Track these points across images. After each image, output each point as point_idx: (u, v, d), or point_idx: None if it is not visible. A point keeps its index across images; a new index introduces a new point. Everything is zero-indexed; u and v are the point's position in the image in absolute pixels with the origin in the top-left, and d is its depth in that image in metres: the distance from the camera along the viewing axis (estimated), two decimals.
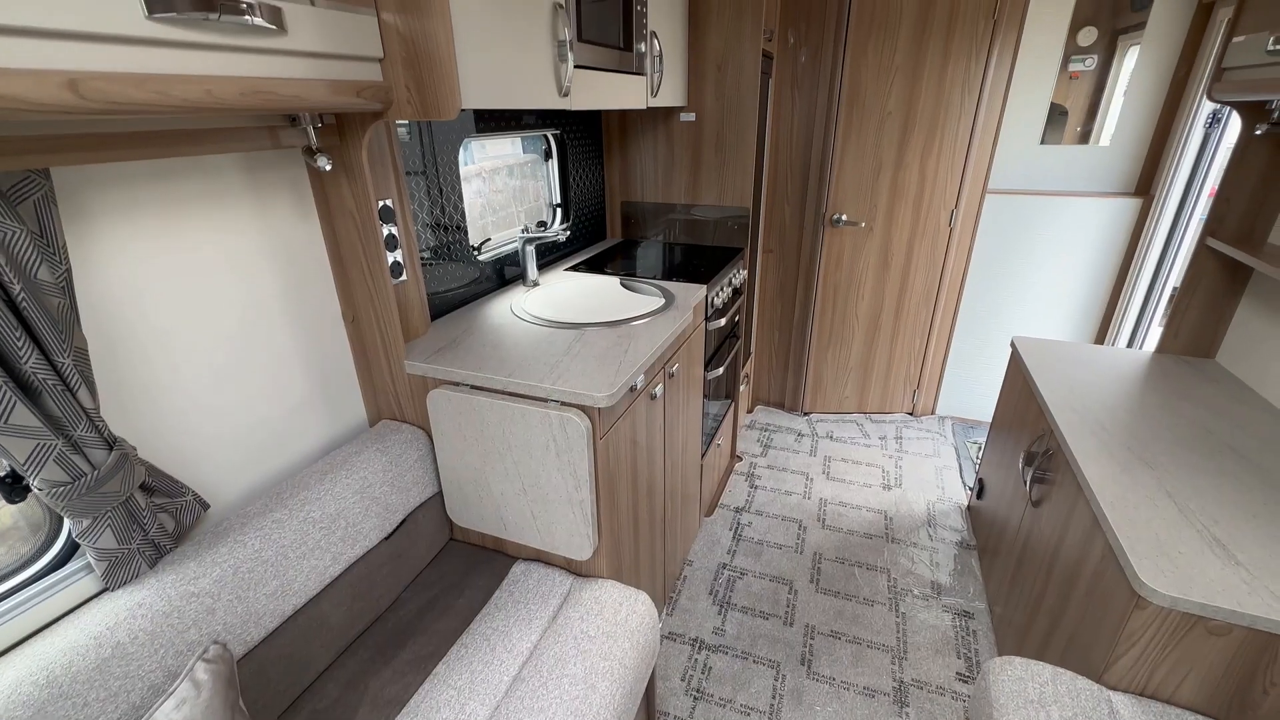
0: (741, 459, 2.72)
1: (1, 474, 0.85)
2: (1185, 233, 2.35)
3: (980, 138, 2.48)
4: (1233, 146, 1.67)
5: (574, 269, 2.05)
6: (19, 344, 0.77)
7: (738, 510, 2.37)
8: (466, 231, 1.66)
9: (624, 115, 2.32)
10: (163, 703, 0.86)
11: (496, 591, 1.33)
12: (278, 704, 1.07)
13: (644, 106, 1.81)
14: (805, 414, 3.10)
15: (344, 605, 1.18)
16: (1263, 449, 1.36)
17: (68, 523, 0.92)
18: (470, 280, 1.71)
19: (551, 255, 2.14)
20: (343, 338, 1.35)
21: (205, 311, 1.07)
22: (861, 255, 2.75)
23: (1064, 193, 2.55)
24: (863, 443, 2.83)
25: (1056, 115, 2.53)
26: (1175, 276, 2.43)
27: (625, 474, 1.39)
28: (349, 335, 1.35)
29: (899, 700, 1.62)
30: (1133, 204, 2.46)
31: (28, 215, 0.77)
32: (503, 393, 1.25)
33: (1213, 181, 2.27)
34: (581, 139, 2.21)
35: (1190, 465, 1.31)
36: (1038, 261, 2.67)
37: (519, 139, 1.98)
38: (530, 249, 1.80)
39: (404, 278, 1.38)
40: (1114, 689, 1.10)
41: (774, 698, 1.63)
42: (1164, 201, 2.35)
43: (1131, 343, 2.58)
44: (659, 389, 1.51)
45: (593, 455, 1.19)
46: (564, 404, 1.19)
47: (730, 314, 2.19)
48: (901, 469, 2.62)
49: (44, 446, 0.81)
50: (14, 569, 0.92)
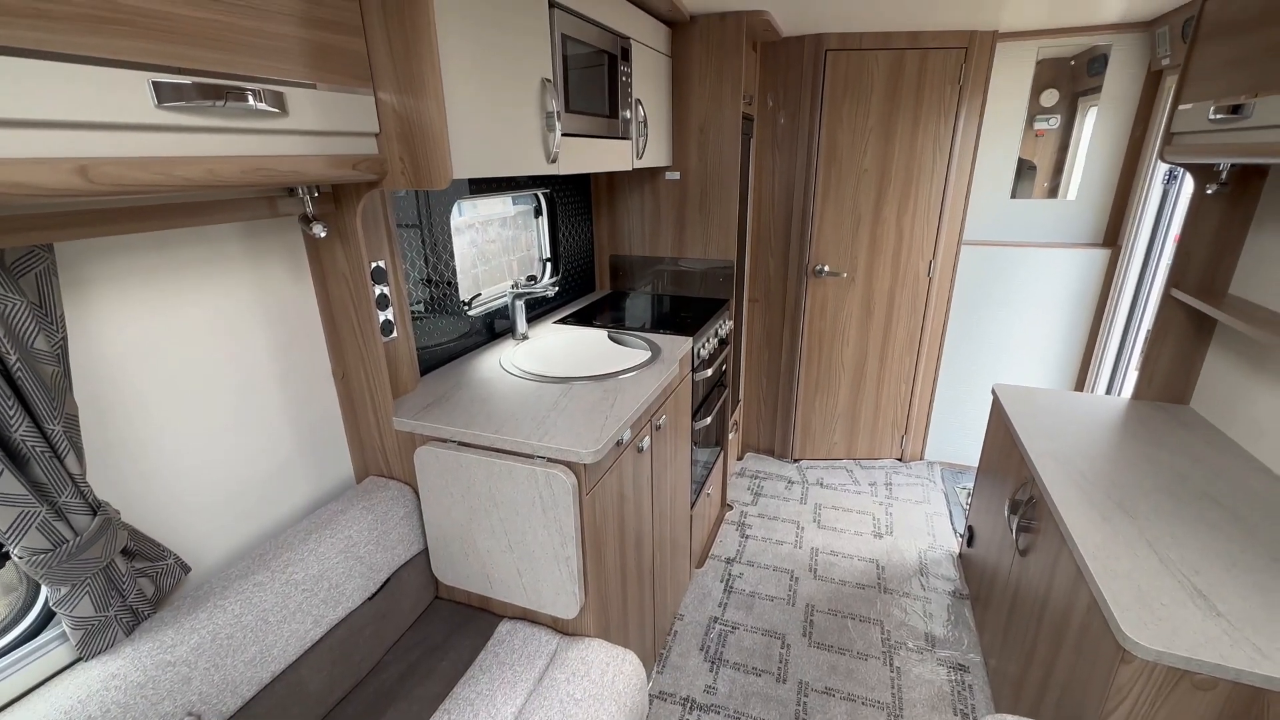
0: (732, 508, 2.71)
1: None
2: (1153, 281, 2.44)
3: (953, 192, 2.60)
4: (1189, 203, 1.77)
5: (563, 321, 2.09)
6: (10, 413, 0.78)
7: (729, 561, 2.35)
8: (457, 287, 1.71)
9: (612, 174, 2.42)
10: None
11: (481, 653, 1.30)
12: None
13: (630, 168, 1.89)
14: (795, 461, 3.11)
15: (324, 671, 1.15)
16: (1238, 496, 1.39)
17: (45, 590, 0.91)
18: (460, 334, 1.74)
19: (541, 308, 2.18)
20: (332, 395, 1.36)
21: (195, 374, 1.09)
22: (844, 304, 2.82)
23: (1036, 244, 2.65)
24: (853, 489, 2.83)
25: (1026, 170, 2.65)
26: (1147, 323, 2.50)
27: (612, 529, 1.39)
28: (338, 392, 1.37)
29: None
30: (1102, 254, 2.56)
31: (29, 287, 0.80)
32: (490, 449, 1.26)
33: (1175, 231, 2.38)
34: (571, 196, 2.29)
35: (1169, 513, 1.33)
36: (1015, 309, 2.74)
37: (509, 198, 2.05)
38: (519, 303, 1.85)
39: (394, 335, 1.41)
40: None
41: None
42: (1131, 252, 2.44)
43: (1110, 387, 2.63)
44: (646, 441, 1.52)
45: (579, 511, 1.20)
46: (550, 460, 1.20)
47: (717, 364, 2.23)
48: (892, 516, 2.62)
49: (27, 514, 0.81)
50: None
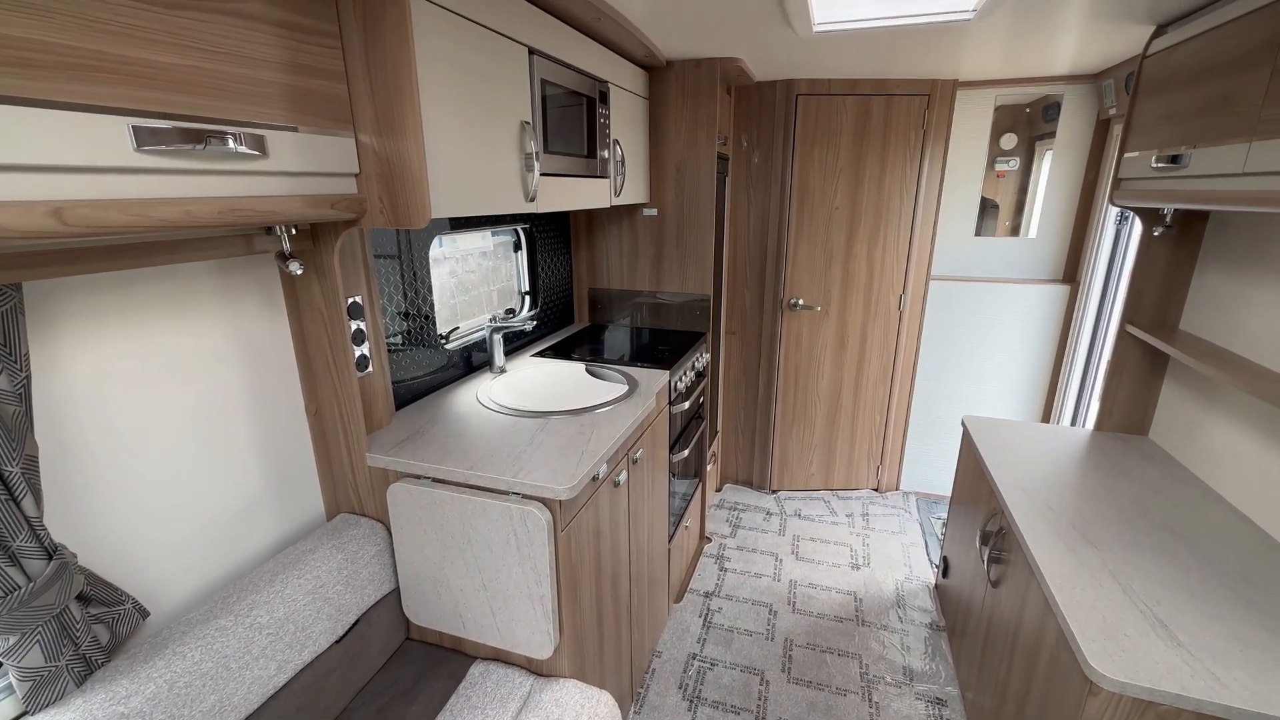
0: (711, 540, 2.70)
1: None
2: (1110, 315, 2.55)
3: (920, 230, 2.70)
4: (1138, 243, 1.87)
5: (541, 354, 2.10)
6: None
7: (707, 595, 2.33)
8: (435, 320, 1.71)
9: (591, 210, 2.47)
10: None
11: (453, 696, 1.27)
12: None
13: (608, 205, 1.93)
14: (773, 492, 3.12)
15: (287, 719, 1.11)
16: (1196, 526, 1.43)
17: None
18: (437, 368, 1.74)
19: (520, 340, 2.19)
20: (304, 431, 1.35)
21: (163, 412, 1.07)
22: (819, 337, 2.88)
23: (1001, 279, 2.75)
24: (830, 520, 2.85)
25: (989, 209, 2.77)
26: (1106, 355, 2.60)
27: (588, 566, 1.38)
28: (311, 428, 1.36)
29: None
30: (1062, 290, 2.66)
31: None
32: (464, 486, 1.25)
33: (1129, 268, 2.49)
34: (550, 231, 2.33)
35: (1131, 544, 1.36)
36: (983, 342, 2.83)
37: (490, 233, 2.08)
38: (498, 337, 1.85)
39: (370, 370, 1.41)
40: None
41: None
42: (1089, 288, 2.55)
43: (1075, 417, 2.71)
44: (623, 476, 1.53)
45: (554, 549, 1.19)
46: (525, 497, 1.20)
47: (694, 397, 2.25)
48: (869, 547, 2.63)
49: None
50: None
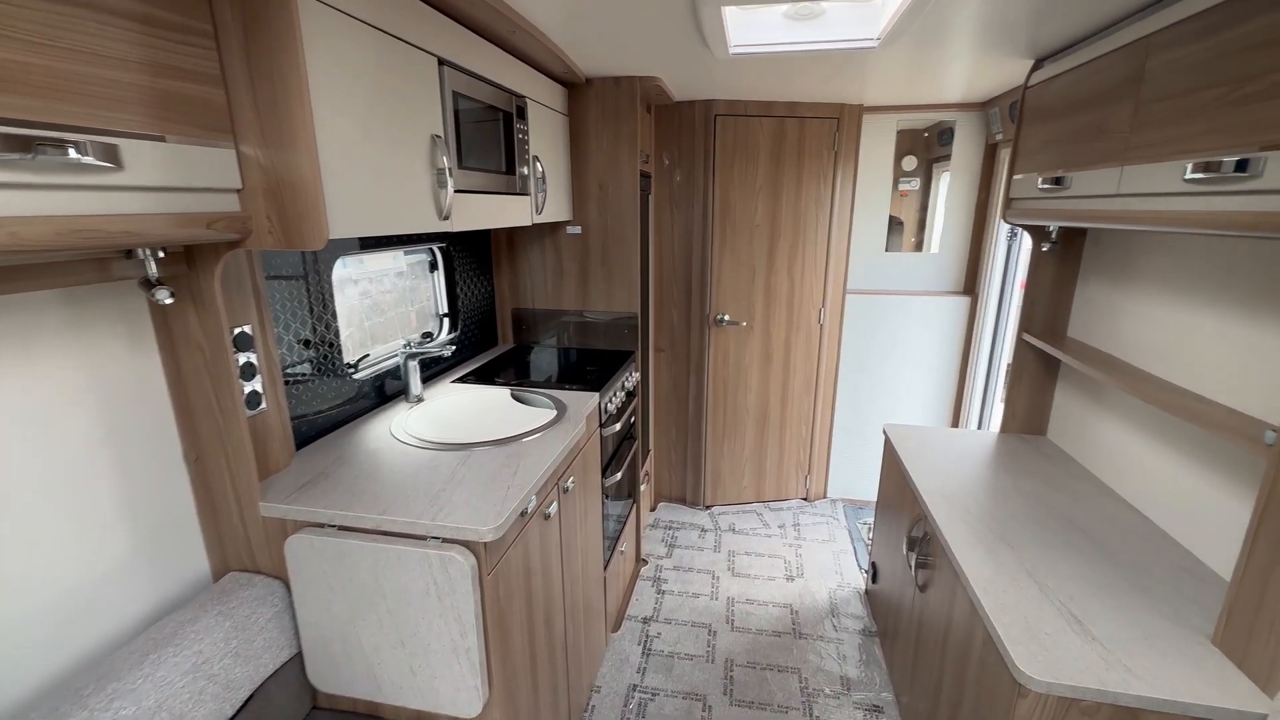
0: (647, 562, 2.65)
1: None
2: (1006, 323, 2.75)
3: (835, 246, 2.81)
4: (1029, 257, 2.02)
5: (463, 380, 1.98)
6: None
7: (645, 621, 2.27)
8: (340, 348, 1.57)
9: (512, 228, 2.38)
10: None
11: None
12: None
13: (529, 223, 1.86)
14: (707, 507, 3.11)
15: None
16: (1096, 520, 1.54)
17: None
18: (345, 400, 1.59)
19: (439, 366, 2.06)
20: (183, 482, 1.17)
21: (1, 467, 0.89)
22: (746, 351, 2.92)
23: (910, 292, 2.91)
24: (763, 533, 2.87)
25: (896, 226, 2.93)
26: (1003, 360, 2.80)
27: (519, 608, 1.28)
28: (191, 478, 1.18)
29: None
30: (963, 301, 2.85)
31: None
32: (376, 532, 1.13)
33: (1021, 279, 2.70)
34: (469, 250, 2.22)
35: (1043, 542, 1.44)
36: (897, 351, 2.97)
37: (403, 253, 1.95)
38: (413, 364, 1.73)
39: (263, 407, 1.26)
40: None
41: None
42: (986, 298, 2.74)
43: (980, 420, 2.90)
44: (553, 507, 1.45)
45: (480, 596, 1.10)
46: (446, 541, 1.09)
47: (625, 417, 2.20)
48: (802, 558, 2.67)
49: None
50: None
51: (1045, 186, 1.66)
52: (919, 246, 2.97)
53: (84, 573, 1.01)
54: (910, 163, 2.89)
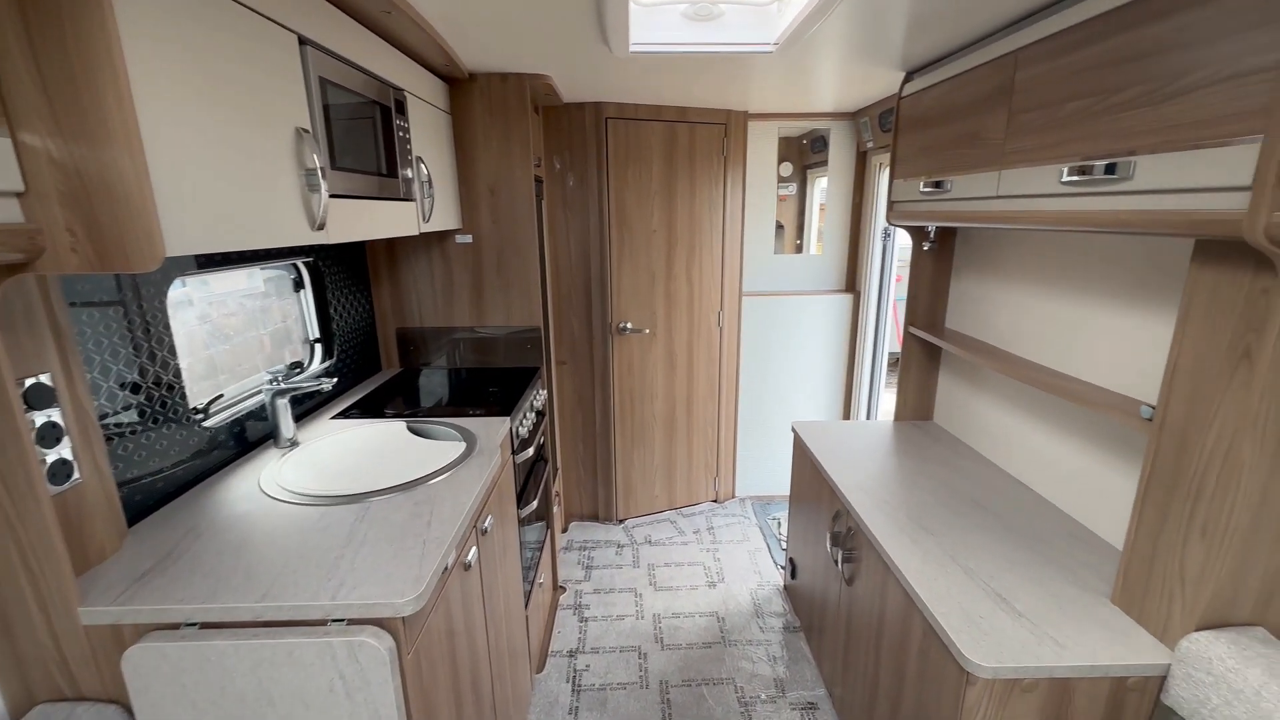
0: (565, 589, 2.49)
1: None
2: (885, 318, 2.96)
3: (729, 250, 2.85)
4: (910, 256, 2.16)
5: (345, 415, 1.71)
6: None
7: (571, 654, 2.12)
8: (184, 391, 1.26)
9: (391, 238, 2.13)
10: None
11: None
12: None
13: (417, 232, 1.65)
14: (620, 521, 3.02)
15: None
16: (993, 497, 1.66)
17: None
18: (194, 453, 1.29)
19: (314, 400, 1.77)
20: None
21: None
22: (650, 359, 2.87)
23: (799, 292, 3.04)
24: (680, 541, 2.84)
25: (779, 230, 3.05)
26: (884, 353, 3.02)
27: (445, 683, 1.10)
28: None
29: None
30: (847, 298, 3.03)
31: None
32: (255, 625, 0.89)
33: (896, 275, 2.93)
34: (341, 265, 1.94)
35: (957, 525, 1.51)
36: (791, 350, 3.09)
37: (258, 270, 1.65)
38: (282, 402, 1.45)
39: (77, 478, 0.96)
40: None
41: None
42: (868, 295, 2.94)
43: (869, 409, 3.10)
44: (472, 553, 1.27)
45: (400, 682, 0.91)
46: (353, 622, 0.89)
47: (537, 439, 2.05)
48: (721, 562, 2.66)
49: None
50: None
51: (926, 190, 1.77)
52: (799, 249, 3.11)
53: None
54: (786, 169, 3.02)
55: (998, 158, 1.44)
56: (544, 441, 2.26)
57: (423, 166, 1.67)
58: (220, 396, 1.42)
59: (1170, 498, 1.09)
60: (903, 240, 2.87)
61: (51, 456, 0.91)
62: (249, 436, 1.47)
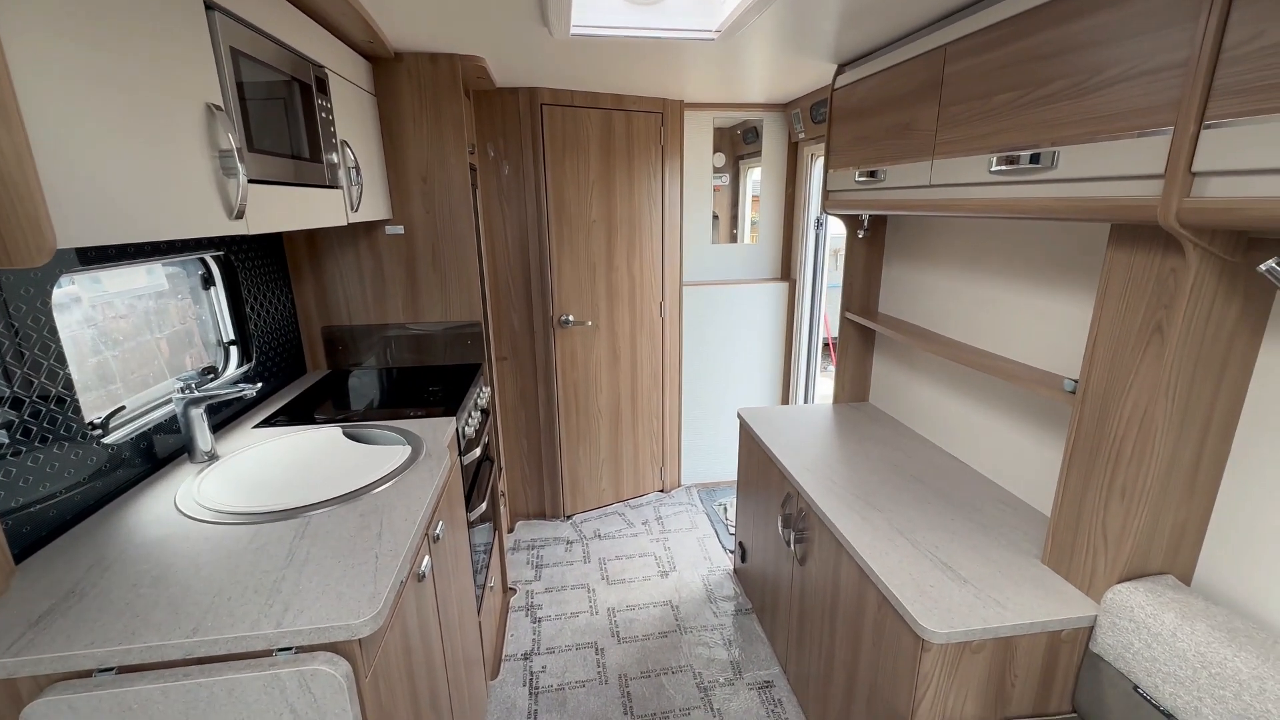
0: (515, 590, 2.43)
1: None
2: (819, 305, 3.06)
3: (668, 240, 2.85)
4: (845, 244, 2.24)
5: (270, 422, 1.57)
6: None
7: (526, 656, 2.07)
8: (76, 404, 1.11)
9: (313, 229, 1.96)
10: None
11: None
12: None
13: (345, 223, 1.53)
14: (568, 517, 2.98)
15: None
16: (930, 471, 1.75)
17: None
18: (92, 474, 1.13)
19: (233, 409, 1.61)
20: None
21: None
22: (593, 351, 2.83)
23: (737, 281, 3.09)
24: (629, 533, 2.83)
25: (715, 220, 3.08)
26: (820, 338, 3.13)
27: (404, 703, 1.03)
28: None
29: None
30: (782, 286, 3.11)
31: None
32: (185, 663, 0.80)
33: (827, 264, 3.03)
34: (256, 259, 1.77)
35: (901, 500, 1.59)
36: (730, 338, 3.14)
37: (158, 265, 1.47)
38: (197, 412, 1.30)
39: None
40: None
41: None
42: (803, 283, 3.03)
43: (806, 393, 3.20)
44: (425, 562, 1.20)
45: (360, 710, 0.84)
46: (301, 649, 0.81)
47: (483, 439, 1.97)
48: (671, 551, 2.68)
49: None
50: None
51: (861, 179, 1.83)
52: (733, 239, 3.16)
53: None
54: (720, 159, 3.06)
55: (930, 148, 1.51)
56: (488, 440, 2.18)
57: (349, 151, 1.55)
58: (121, 408, 1.26)
59: (1092, 463, 1.18)
60: (834, 229, 2.99)
61: None
62: (159, 452, 1.32)
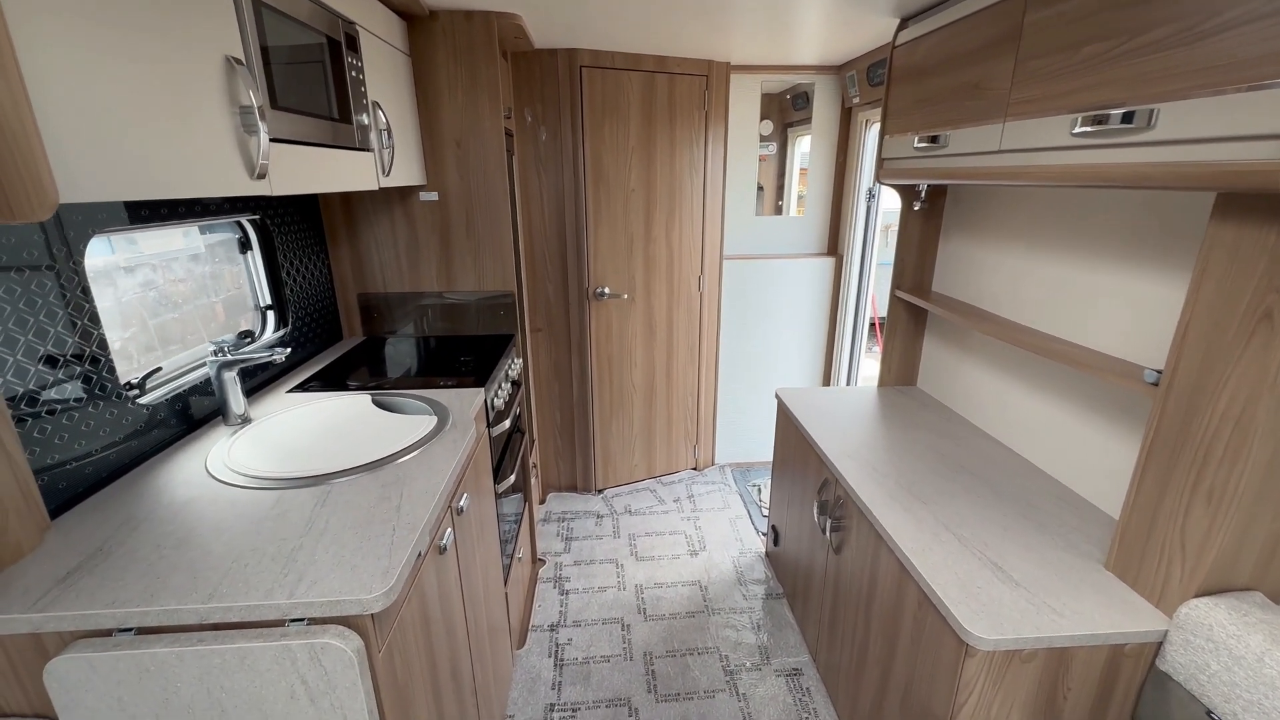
0: (544, 562, 2.44)
1: None
2: (869, 281, 2.91)
3: (710, 211, 2.74)
4: (899, 217, 2.09)
5: (303, 388, 1.58)
6: None
7: (553, 628, 2.08)
8: (112, 365, 1.12)
9: (348, 195, 1.95)
10: None
11: None
12: None
13: (376, 187, 1.50)
14: (599, 491, 2.97)
15: None
16: (979, 461, 1.63)
17: None
18: (130, 433, 1.15)
19: (269, 373, 1.63)
20: None
21: None
22: (628, 325, 2.77)
23: (781, 255, 2.96)
24: (660, 510, 2.80)
25: (760, 191, 2.94)
26: (866, 317, 2.98)
27: (421, 678, 1.02)
28: None
29: None
30: (828, 262, 2.96)
31: None
32: (201, 628, 0.79)
33: (878, 240, 2.86)
34: (293, 224, 1.77)
35: (946, 492, 1.49)
36: (773, 314, 3.02)
37: (194, 229, 1.48)
38: (230, 375, 1.31)
39: None
40: None
41: None
42: (851, 259, 2.87)
43: (849, 375, 3.07)
44: (448, 535, 1.18)
45: (373, 685, 0.82)
46: (314, 621, 0.80)
47: (513, 410, 1.95)
48: (702, 530, 2.64)
49: None
50: None
51: (921, 146, 1.68)
52: (779, 211, 3.02)
53: None
54: (766, 127, 2.90)
55: (1001, 108, 1.36)
56: (520, 412, 2.16)
57: (380, 113, 1.51)
58: (158, 370, 1.28)
59: (1174, 463, 1.06)
60: (886, 202, 2.81)
61: None
62: (194, 414, 1.34)
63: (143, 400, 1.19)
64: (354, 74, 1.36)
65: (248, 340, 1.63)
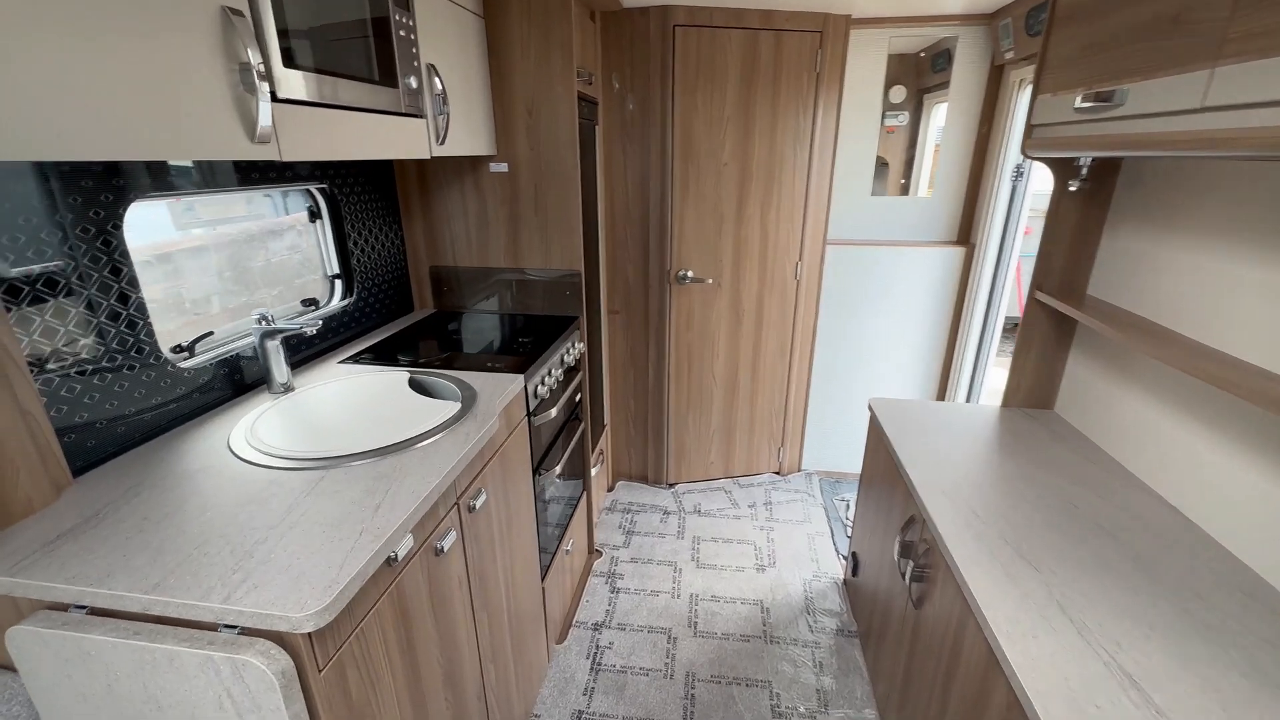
0: (600, 554, 2.35)
1: None
2: (1006, 278, 2.43)
3: (815, 189, 2.42)
4: (1049, 201, 1.67)
5: (356, 359, 1.58)
6: None
7: (596, 627, 1.98)
8: (151, 329, 1.15)
9: (422, 165, 1.93)
10: None
11: None
12: None
13: (427, 155, 1.43)
14: (670, 485, 2.81)
15: None
16: (1127, 522, 1.25)
17: None
18: (173, 397, 1.19)
19: (329, 341, 1.65)
20: None
21: None
22: (713, 312, 2.56)
23: (897, 242, 2.56)
24: (732, 514, 2.59)
25: (880, 167, 2.55)
26: (1000, 320, 2.50)
27: (395, 691, 0.94)
28: None
29: None
30: (957, 252, 2.52)
31: None
32: (145, 619, 0.76)
33: (1024, 227, 2.37)
34: (364, 193, 1.77)
35: (1071, 558, 1.15)
36: (882, 310, 2.65)
37: (261, 195, 1.51)
38: (273, 344, 1.32)
39: None
40: None
41: None
42: (985, 249, 2.41)
43: (971, 387, 2.62)
44: (450, 537, 1.09)
45: (306, 706, 0.74)
46: (245, 631, 0.73)
47: (567, 398, 1.84)
48: (774, 543, 2.40)
49: None
50: None
51: (1086, 106, 1.29)
52: (905, 190, 2.60)
53: None
54: (899, 94, 2.49)
55: (1211, 49, 0.97)
56: (579, 399, 2.06)
57: (435, 78, 1.43)
58: (209, 334, 1.31)
59: None
60: (1037, 184, 2.31)
61: None
62: (246, 379, 1.37)
63: (187, 364, 1.22)
64: (403, 33, 1.28)
65: (312, 306, 1.67)
